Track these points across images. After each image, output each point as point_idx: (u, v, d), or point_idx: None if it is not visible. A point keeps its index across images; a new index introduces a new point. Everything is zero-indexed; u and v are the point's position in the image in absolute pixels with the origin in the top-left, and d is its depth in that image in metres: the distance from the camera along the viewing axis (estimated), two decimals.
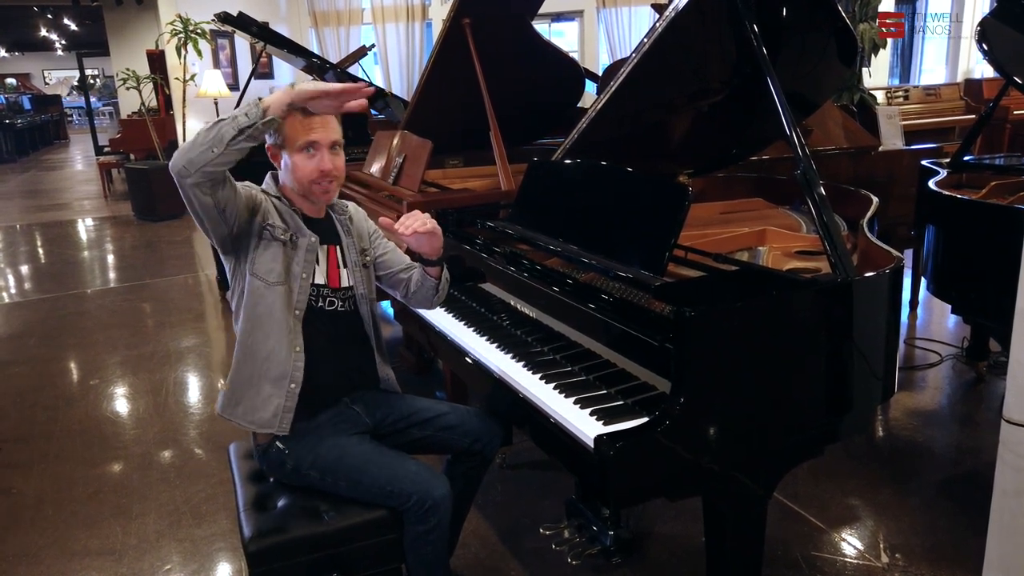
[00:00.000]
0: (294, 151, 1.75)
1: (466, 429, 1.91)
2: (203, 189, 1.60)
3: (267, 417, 1.75)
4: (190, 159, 1.56)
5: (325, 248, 1.86)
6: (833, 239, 1.65)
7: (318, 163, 1.75)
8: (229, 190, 1.65)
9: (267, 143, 1.78)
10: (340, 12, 9.03)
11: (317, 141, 1.74)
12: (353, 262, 1.91)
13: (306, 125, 1.74)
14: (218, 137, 1.55)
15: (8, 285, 6.04)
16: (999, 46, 3.25)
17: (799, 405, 1.61)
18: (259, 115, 1.56)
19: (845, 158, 3.81)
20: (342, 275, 1.88)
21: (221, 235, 1.71)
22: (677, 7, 2.02)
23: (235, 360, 1.80)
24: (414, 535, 1.72)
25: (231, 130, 1.55)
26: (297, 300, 1.79)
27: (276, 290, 1.76)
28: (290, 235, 1.78)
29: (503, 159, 3.05)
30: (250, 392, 1.77)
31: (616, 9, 8.69)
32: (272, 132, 1.74)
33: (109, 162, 10.78)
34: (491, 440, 1.94)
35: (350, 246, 1.91)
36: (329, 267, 1.86)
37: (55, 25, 18.54)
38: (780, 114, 1.78)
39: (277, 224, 1.77)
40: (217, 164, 1.56)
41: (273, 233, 1.75)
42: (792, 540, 2.38)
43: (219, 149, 1.55)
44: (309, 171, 1.76)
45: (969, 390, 3.49)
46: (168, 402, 3.61)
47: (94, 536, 2.54)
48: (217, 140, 1.55)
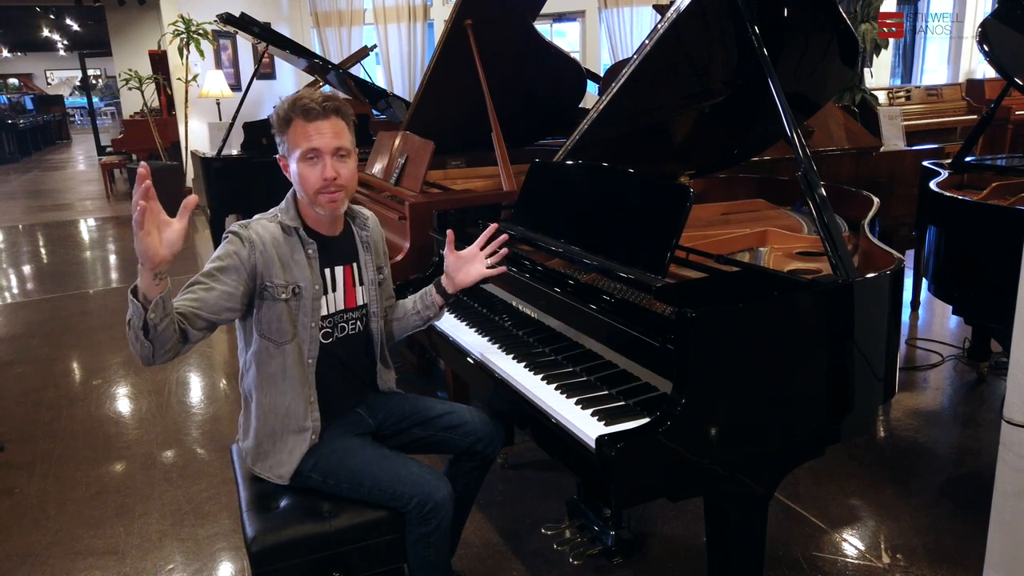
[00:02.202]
0: (297, 160, 1.69)
1: (467, 430, 1.91)
2: (177, 350, 1.54)
3: (292, 469, 1.77)
4: (141, 355, 1.51)
5: (341, 269, 1.82)
6: (834, 240, 1.66)
7: (321, 171, 1.67)
8: (203, 325, 1.59)
9: (278, 153, 1.74)
10: (342, 12, 9.04)
11: (318, 148, 1.67)
12: (370, 280, 1.87)
13: (306, 131, 1.67)
14: (137, 338, 1.47)
15: (11, 285, 6.05)
16: (1000, 47, 3.25)
17: (800, 406, 1.61)
18: (140, 307, 1.44)
19: (847, 159, 3.82)
20: (358, 294, 1.85)
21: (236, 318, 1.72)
22: (679, 8, 2.02)
23: (255, 417, 1.78)
24: (415, 536, 1.73)
25: (139, 331, 1.46)
26: (308, 351, 1.76)
27: (286, 348, 1.73)
28: (291, 289, 1.71)
29: (505, 160, 3.06)
30: (278, 445, 1.77)
31: (618, 9, 8.69)
32: (281, 141, 1.71)
33: (111, 162, 10.79)
34: (492, 441, 1.93)
35: (367, 263, 1.87)
36: (346, 288, 1.83)
37: (57, 25, 18.55)
38: (781, 115, 1.79)
39: (277, 282, 1.69)
40: (162, 351, 1.50)
41: (274, 294, 1.69)
42: (793, 540, 2.38)
43: (149, 344, 1.47)
44: (313, 180, 1.68)
45: (970, 391, 3.49)
46: (170, 402, 3.62)
47: (97, 536, 2.55)
48: (139, 340, 1.47)
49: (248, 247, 1.67)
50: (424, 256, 2.70)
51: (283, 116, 1.69)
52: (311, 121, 1.66)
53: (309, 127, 1.66)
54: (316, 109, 1.66)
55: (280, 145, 1.72)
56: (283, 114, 1.69)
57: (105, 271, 6.54)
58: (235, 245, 1.67)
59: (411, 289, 2.51)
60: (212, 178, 5.27)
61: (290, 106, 1.68)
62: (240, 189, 5.30)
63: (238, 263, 1.66)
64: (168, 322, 1.48)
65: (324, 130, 1.67)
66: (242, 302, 1.68)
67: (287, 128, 1.69)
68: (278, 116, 1.70)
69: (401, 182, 3.12)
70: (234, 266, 1.65)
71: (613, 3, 8.69)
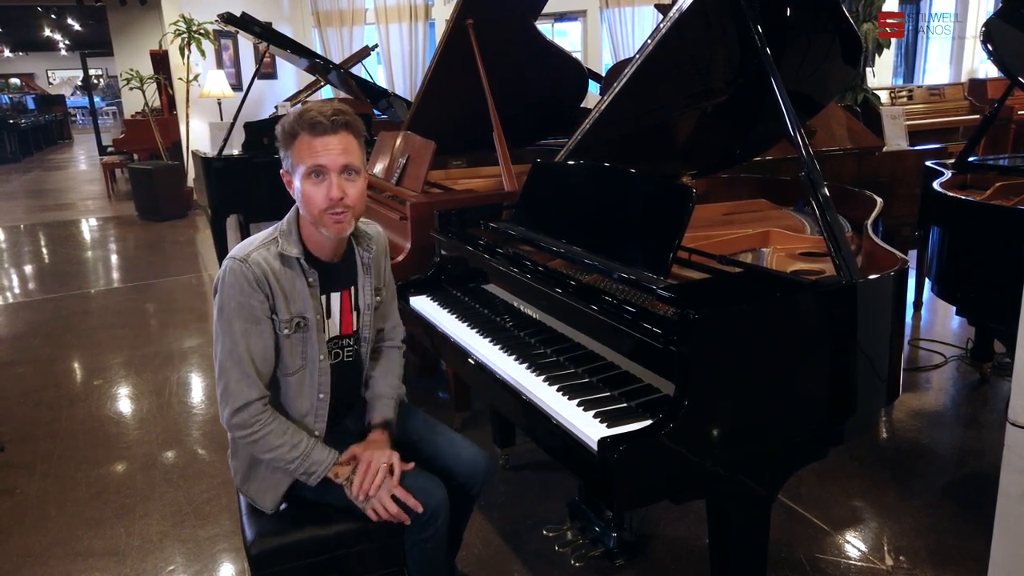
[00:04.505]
0: (301, 177, 1.59)
1: (444, 464, 1.80)
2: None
3: (279, 496, 1.72)
4: (266, 458, 1.66)
5: (338, 295, 1.74)
6: (837, 241, 1.65)
7: (327, 190, 1.57)
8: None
9: (282, 169, 1.65)
10: (343, 12, 9.03)
11: (324, 165, 1.56)
12: (366, 304, 1.79)
13: (312, 146, 1.56)
14: (305, 475, 1.65)
15: (12, 285, 6.05)
16: (1004, 47, 3.24)
17: (803, 408, 1.60)
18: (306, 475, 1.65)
19: (849, 159, 3.81)
20: (354, 320, 1.79)
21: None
22: (681, 8, 2.01)
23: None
24: (412, 542, 1.72)
25: (287, 463, 1.64)
26: (320, 384, 1.71)
27: (289, 381, 1.69)
28: (295, 322, 1.65)
29: (506, 160, 3.05)
30: (277, 473, 1.70)
31: (619, 9, 8.68)
32: (285, 156, 1.62)
33: (113, 162, 10.79)
34: (473, 475, 1.81)
35: (365, 285, 1.79)
36: (343, 314, 1.76)
37: (59, 25, 18.58)
38: (784, 114, 1.78)
39: (282, 317, 1.63)
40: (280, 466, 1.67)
41: (278, 328, 1.64)
42: (796, 542, 2.37)
43: (292, 472, 1.65)
44: (318, 199, 1.57)
45: (973, 391, 3.48)
46: (171, 402, 3.62)
47: (97, 536, 2.54)
48: (271, 452, 1.64)
49: (255, 286, 1.60)
50: (425, 256, 2.69)
51: (288, 130, 1.59)
52: (318, 136, 1.56)
53: (316, 142, 1.56)
54: (324, 123, 1.56)
55: (284, 160, 1.63)
56: (289, 128, 1.59)
57: (106, 271, 6.54)
58: (245, 292, 1.60)
59: (412, 289, 2.52)
60: (213, 178, 5.26)
61: (296, 119, 1.58)
62: (241, 189, 5.30)
63: (254, 300, 1.60)
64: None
65: (332, 146, 1.56)
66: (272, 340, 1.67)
67: (292, 142, 1.59)
68: (283, 130, 1.60)
69: (402, 182, 3.11)
70: (256, 318, 1.61)
71: (615, 3, 8.67)
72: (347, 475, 1.66)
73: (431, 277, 2.58)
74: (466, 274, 2.43)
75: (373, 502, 1.63)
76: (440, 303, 2.40)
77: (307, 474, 1.64)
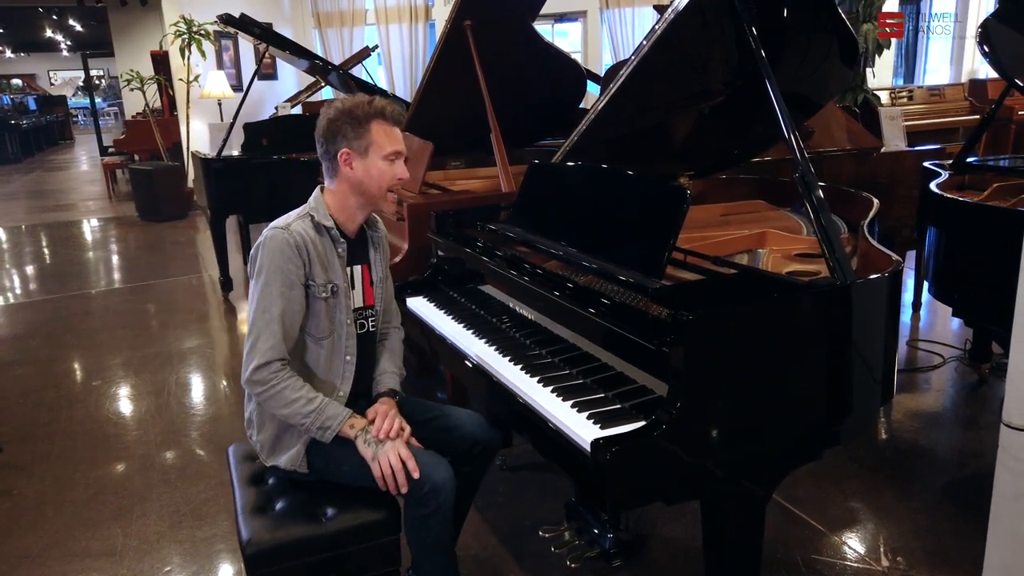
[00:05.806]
0: (381, 158, 1.79)
1: (462, 433, 1.91)
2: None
3: (300, 456, 1.82)
4: (282, 413, 1.74)
5: (360, 268, 1.91)
6: (831, 242, 1.65)
7: (398, 171, 1.82)
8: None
9: (342, 148, 1.78)
10: (343, 13, 9.04)
11: (400, 151, 1.81)
12: (379, 279, 1.96)
13: (392, 134, 1.80)
14: (320, 430, 1.73)
15: (13, 285, 6.06)
16: (1001, 47, 3.24)
17: (797, 409, 1.60)
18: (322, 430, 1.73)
19: (847, 159, 3.80)
20: (374, 292, 1.95)
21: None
22: (677, 8, 2.02)
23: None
24: (413, 518, 1.73)
25: (300, 419, 1.72)
26: (347, 347, 1.86)
27: (323, 343, 1.83)
28: (330, 288, 1.80)
29: (504, 161, 3.05)
30: (303, 437, 1.80)
31: (619, 10, 8.69)
32: (351, 137, 1.77)
33: (113, 163, 10.81)
34: (488, 445, 1.94)
35: (377, 262, 1.96)
36: (364, 286, 1.93)
37: (60, 26, 18.61)
38: (779, 116, 1.78)
39: (319, 281, 1.78)
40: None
41: (315, 292, 1.79)
42: (792, 543, 2.37)
43: (307, 427, 1.73)
44: (389, 177, 1.81)
45: (971, 392, 3.48)
46: (170, 403, 3.62)
47: (95, 537, 2.55)
48: (317, 429, 1.73)
49: (295, 251, 1.75)
50: (422, 257, 2.70)
51: (362, 116, 1.76)
52: (394, 126, 1.80)
53: (394, 131, 1.80)
54: (396, 116, 1.81)
55: (345, 141, 1.77)
56: (362, 114, 1.77)
57: (107, 272, 6.55)
58: (285, 256, 1.74)
59: (409, 290, 2.52)
60: (212, 179, 5.26)
61: (368, 107, 1.77)
62: (240, 190, 5.29)
63: (291, 265, 1.74)
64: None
65: (400, 137, 1.83)
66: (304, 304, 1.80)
67: (362, 127, 1.76)
68: (352, 116, 1.76)
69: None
70: (291, 282, 1.75)
71: (614, 3, 8.68)
72: (362, 426, 1.75)
73: (428, 278, 2.58)
74: (463, 275, 2.44)
75: (382, 453, 1.70)
76: (437, 304, 2.41)
77: (322, 428, 1.73)
